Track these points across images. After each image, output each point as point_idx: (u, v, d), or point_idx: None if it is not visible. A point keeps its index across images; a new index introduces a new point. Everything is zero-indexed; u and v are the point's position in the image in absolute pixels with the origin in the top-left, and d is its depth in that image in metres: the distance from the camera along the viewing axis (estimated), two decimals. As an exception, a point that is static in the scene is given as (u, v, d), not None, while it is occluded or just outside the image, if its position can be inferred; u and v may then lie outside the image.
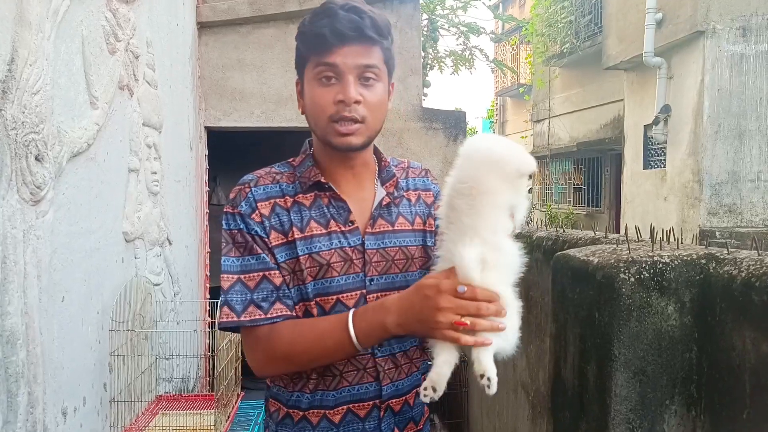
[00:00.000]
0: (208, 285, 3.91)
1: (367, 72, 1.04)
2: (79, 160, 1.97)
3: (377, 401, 1.10)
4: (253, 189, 1.09)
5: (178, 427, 2.26)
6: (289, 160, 1.17)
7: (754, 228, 6.28)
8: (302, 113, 1.12)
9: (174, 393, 2.81)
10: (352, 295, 1.08)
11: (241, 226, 1.06)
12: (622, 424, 1.12)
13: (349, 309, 1.06)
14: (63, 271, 1.85)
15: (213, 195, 5.47)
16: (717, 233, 6.13)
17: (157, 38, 2.85)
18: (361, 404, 1.10)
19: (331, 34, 1.01)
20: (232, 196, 1.10)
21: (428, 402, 0.98)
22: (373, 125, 1.08)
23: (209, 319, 3.30)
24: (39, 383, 1.69)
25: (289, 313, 1.06)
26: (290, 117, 3.87)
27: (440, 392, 0.95)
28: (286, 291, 1.06)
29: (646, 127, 7.61)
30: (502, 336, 0.93)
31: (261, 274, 1.05)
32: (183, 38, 3.39)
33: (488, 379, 0.91)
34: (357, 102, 1.03)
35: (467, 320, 0.91)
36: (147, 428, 2.26)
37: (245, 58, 3.85)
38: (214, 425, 2.23)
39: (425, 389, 0.96)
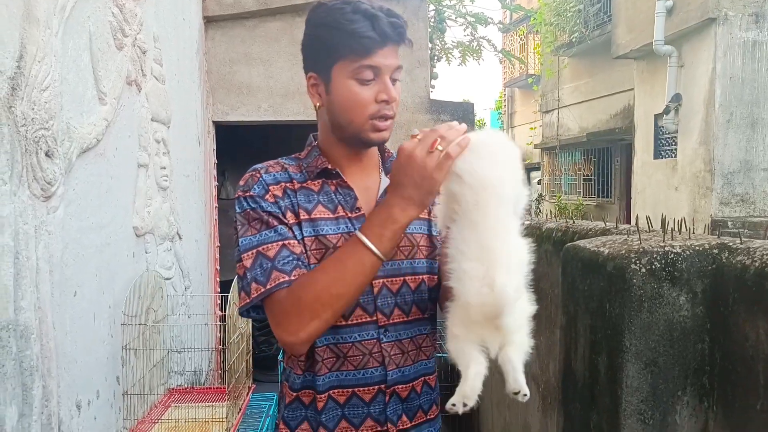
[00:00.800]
0: (218, 279, 3.93)
1: (397, 72, 1.09)
2: (89, 156, 1.99)
3: (382, 386, 1.12)
4: (263, 175, 1.11)
5: (190, 420, 2.29)
6: (295, 154, 1.19)
7: (766, 218, 6.21)
8: (320, 107, 1.13)
9: (186, 386, 2.84)
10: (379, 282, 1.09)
11: (255, 206, 1.07)
12: (633, 416, 1.12)
13: None
14: (74, 266, 1.87)
15: (222, 189, 5.49)
16: (729, 223, 6.07)
17: (164, 33, 2.85)
18: (366, 388, 1.11)
19: (378, 37, 1.03)
20: (242, 183, 1.11)
21: (453, 413, 0.97)
22: (395, 119, 1.13)
23: (220, 313, 3.33)
24: (53, 377, 1.71)
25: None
26: (297, 110, 3.87)
27: (471, 405, 0.95)
28: (305, 261, 1.06)
29: (657, 117, 7.53)
30: (523, 347, 0.94)
31: (280, 243, 1.05)
32: (190, 33, 3.40)
33: (524, 395, 0.94)
34: (395, 101, 1.09)
35: (439, 145, 0.95)
36: (160, 421, 2.29)
37: (252, 52, 3.85)
38: (226, 417, 2.25)
39: (454, 404, 0.95)
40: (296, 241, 1.06)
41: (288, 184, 1.11)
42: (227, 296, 2.51)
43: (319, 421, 1.11)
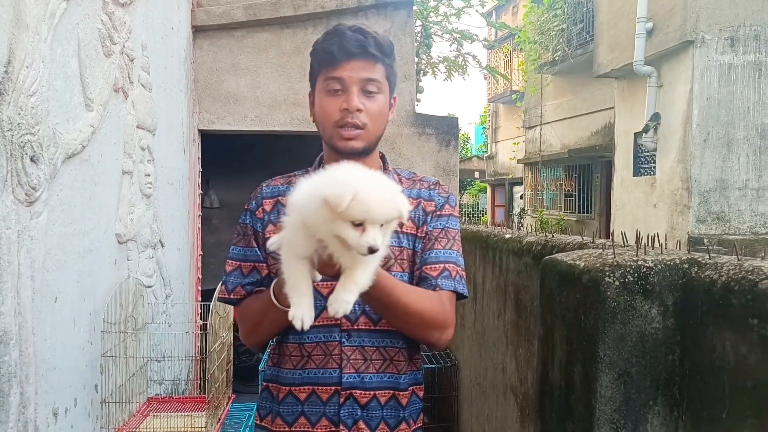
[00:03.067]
0: (199, 287, 3.91)
1: (369, 85, 1.19)
2: (74, 162, 1.98)
3: (338, 387, 1.19)
4: (264, 188, 1.29)
5: (169, 429, 2.27)
6: (308, 167, 1.33)
7: (741, 235, 6.37)
8: (313, 121, 1.27)
9: (165, 395, 2.81)
10: (326, 285, 1.12)
11: (248, 222, 1.27)
12: (606, 425, 1.15)
13: (324, 298, 1.07)
14: (56, 271, 1.86)
15: (205, 198, 5.47)
16: (705, 240, 6.20)
17: (152, 41, 2.86)
18: (323, 387, 1.20)
19: (339, 51, 1.16)
20: (251, 195, 1.30)
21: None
22: (373, 131, 1.21)
23: (201, 322, 3.31)
24: (31, 383, 1.69)
25: None
26: (284, 121, 3.89)
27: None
28: (269, 281, 1.21)
29: (636, 135, 7.70)
30: None
31: (252, 265, 1.25)
32: (178, 42, 3.41)
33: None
34: (359, 110, 1.18)
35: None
36: (138, 430, 2.26)
37: (239, 62, 3.87)
38: (205, 427, 2.24)
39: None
40: (265, 264, 1.25)
41: (282, 198, 1.24)
42: (208, 305, 2.50)
43: (278, 413, 1.22)
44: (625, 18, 7.64)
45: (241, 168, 6.01)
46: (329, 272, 1.00)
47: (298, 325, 1.00)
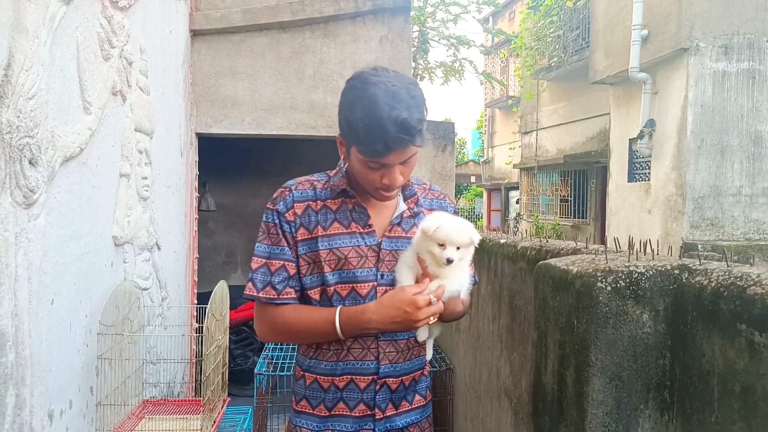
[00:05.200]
0: (195, 290, 3.91)
1: (408, 160, 1.27)
2: (72, 165, 1.99)
3: (375, 377, 1.33)
4: (293, 191, 1.34)
5: (164, 431, 2.27)
6: (328, 171, 1.40)
7: (735, 241, 6.41)
8: (343, 159, 1.34)
9: (160, 398, 2.81)
10: (365, 285, 1.31)
11: (276, 221, 1.32)
12: (598, 428, 1.16)
13: (363, 298, 1.30)
14: (53, 274, 1.86)
15: (202, 201, 5.48)
16: (699, 246, 6.25)
17: (151, 45, 2.87)
18: (361, 377, 1.33)
19: (384, 149, 1.20)
20: (274, 195, 1.34)
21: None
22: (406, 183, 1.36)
23: (196, 325, 3.31)
24: (27, 385, 1.70)
25: (295, 296, 1.33)
26: (281, 125, 3.91)
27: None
28: (297, 281, 1.33)
29: (632, 141, 7.75)
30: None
31: (281, 263, 1.31)
32: (176, 45, 3.42)
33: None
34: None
35: (433, 319, 1.31)
36: (133, 432, 2.27)
37: (237, 66, 3.89)
38: (200, 430, 2.24)
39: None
40: (293, 263, 1.32)
41: (312, 203, 1.32)
42: (204, 308, 2.51)
43: (320, 399, 1.33)
44: (620, 25, 7.70)
45: (238, 172, 6.03)
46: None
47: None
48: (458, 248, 1.29)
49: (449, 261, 1.27)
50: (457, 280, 1.36)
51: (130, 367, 2.44)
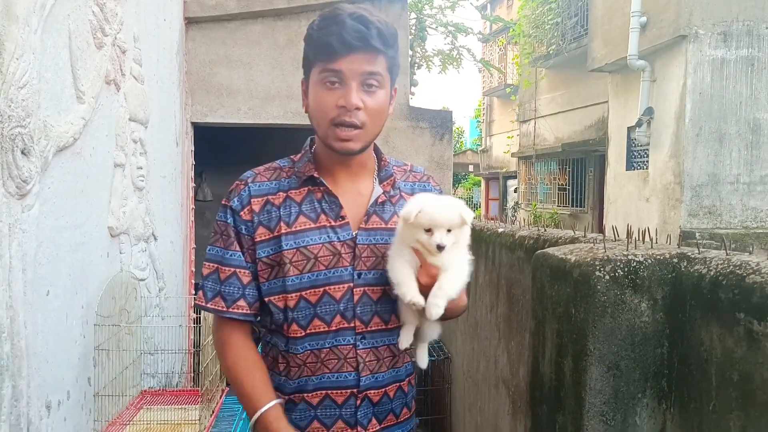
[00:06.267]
0: (193, 281, 3.90)
1: (370, 79, 1.09)
2: (65, 155, 1.97)
3: (354, 390, 1.15)
4: (250, 185, 1.15)
5: (162, 422, 2.27)
6: (292, 156, 1.22)
7: (733, 229, 6.42)
8: (306, 112, 1.16)
9: (158, 388, 2.81)
10: (339, 287, 1.13)
11: (229, 221, 1.14)
12: (596, 417, 1.16)
13: (337, 302, 1.13)
14: (48, 265, 1.85)
15: (198, 191, 5.46)
16: (697, 234, 6.25)
17: (144, 33, 2.84)
18: (339, 391, 1.15)
19: (338, 43, 1.05)
20: (229, 189, 1.17)
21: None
22: (372, 130, 1.12)
23: (194, 315, 3.31)
24: (23, 377, 1.69)
25: (247, 311, 1.15)
26: (277, 114, 3.88)
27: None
28: (253, 289, 1.15)
29: (630, 129, 7.73)
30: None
31: (232, 270, 1.14)
32: (170, 34, 3.38)
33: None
34: (358, 108, 1.07)
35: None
36: (131, 422, 2.27)
37: (232, 54, 3.85)
38: (199, 420, 2.24)
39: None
40: (247, 271, 1.14)
41: (272, 197, 1.14)
42: (202, 298, 2.50)
43: (290, 420, 1.14)
44: (619, 12, 7.64)
45: (234, 161, 5.99)
46: (429, 281, 1.10)
47: (420, 302, 1.09)
48: (449, 231, 1.11)
49: (440, 247, 1.09)
50: (462, 268, 1.16)
51: (128, 358, 2.44)
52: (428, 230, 1.10)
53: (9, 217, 1.62)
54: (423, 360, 1.29)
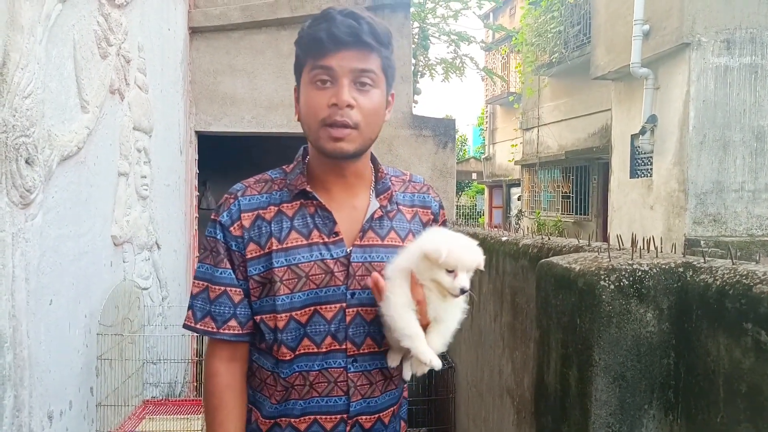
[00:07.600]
0: (196, 289, 3.90)
1: (363, 77, 1.02)
2: (69, 164, 1.98)
3: (344, 415, 1.08)
4: (239, 198, 1.09)
5: (164, 432, 2.26)
6: (284, 166, 1.16)
7: (737, 237, 6.38)
8: (297, 119, 1.10)
9: (161, 398, 2.80)
10: (331, 308, 1.07)
11: (219, 236, 1.09)
12: (602, 428, 1.15)
13: (328, 323, 1.07)
14: (51, 274, 1.85)
15: (202, 199, 5.47)
16: (702, 242, 6.22)
17: (149, 43, 2.86)
18: (328, 416, 1.08)
19: (328, 38, 1.00)
20: (219, 203, 1.12)
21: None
22: (366, 132, 1.05)
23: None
24: (25, 386, 1.68)
25: (239, 332, 1.09)
26: (281, 122, 3.89)
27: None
28: (245, 308, 1.09)
29: (633, 137, 7.71)
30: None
31: (223, 289, 1.08)
32: (174, 43, 3.40)
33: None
34: (350, 106, 1.01)
35: None
36: (133, 433, 2.26)
37: (236, 64, 3.87)
38: (201, 430, 2.23)
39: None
40: (239, 289, 1.08)
41: (263, 211, 1.08)
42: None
43: None
44: (622, 20, 7.66)
45: (238, 170, 6.01)
46: (422, 323, 1.05)
47: (438, 365, 1.04)
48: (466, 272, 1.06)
49: (464, 291, 1.04)
50: (456, 321, 1.11)
51: (131, 367, 2.43)
52: (451, 271, 1.04)
53: (12, 226, 1.62)
54: (406, 373, 1.20)
